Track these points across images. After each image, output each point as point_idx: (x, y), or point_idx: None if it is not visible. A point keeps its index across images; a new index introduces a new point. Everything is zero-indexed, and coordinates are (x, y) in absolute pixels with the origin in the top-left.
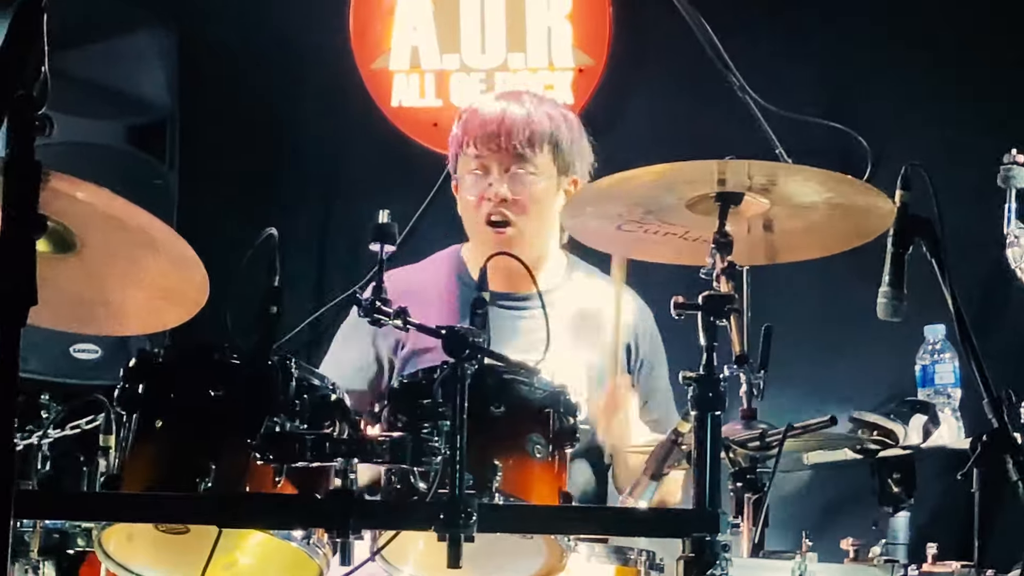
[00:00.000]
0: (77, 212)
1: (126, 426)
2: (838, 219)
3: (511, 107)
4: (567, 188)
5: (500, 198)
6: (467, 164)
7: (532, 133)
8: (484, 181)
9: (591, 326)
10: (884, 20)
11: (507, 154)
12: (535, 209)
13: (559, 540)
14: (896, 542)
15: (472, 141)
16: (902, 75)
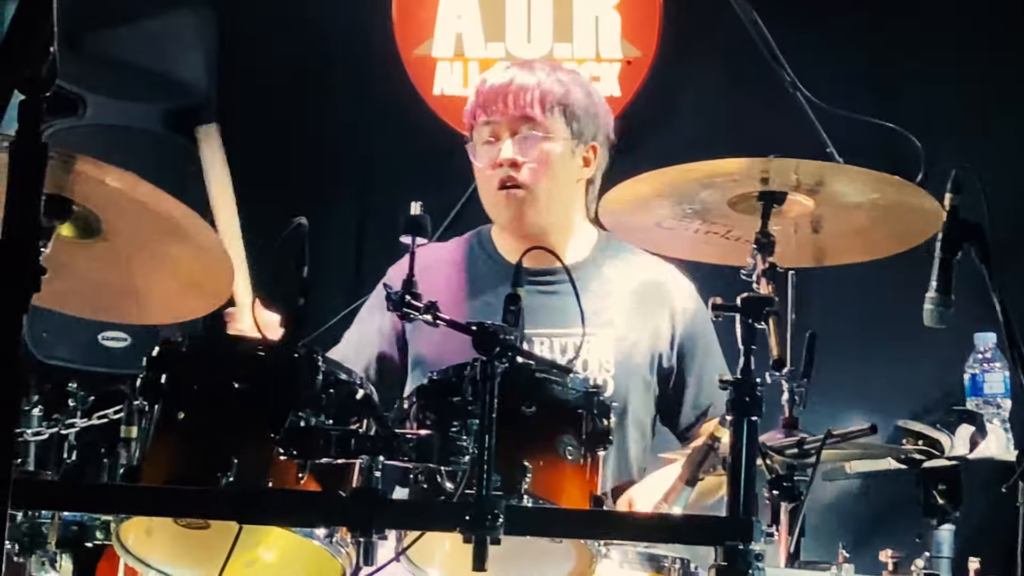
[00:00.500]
0: (103, 197)
1: (148, 417)
2: (886, 222)
3: (520, 73)
4: (585, 155)
5: (509, 161)
6: (480, 135)
7: (542, 95)
8: (495, 147)
9: (623, 300)
10: (939, 19)
11: (515, 117)
12: (549, 173)
13: (589, 545)
14: (940, 555)
15: (482, 108)
16: (956, 75)
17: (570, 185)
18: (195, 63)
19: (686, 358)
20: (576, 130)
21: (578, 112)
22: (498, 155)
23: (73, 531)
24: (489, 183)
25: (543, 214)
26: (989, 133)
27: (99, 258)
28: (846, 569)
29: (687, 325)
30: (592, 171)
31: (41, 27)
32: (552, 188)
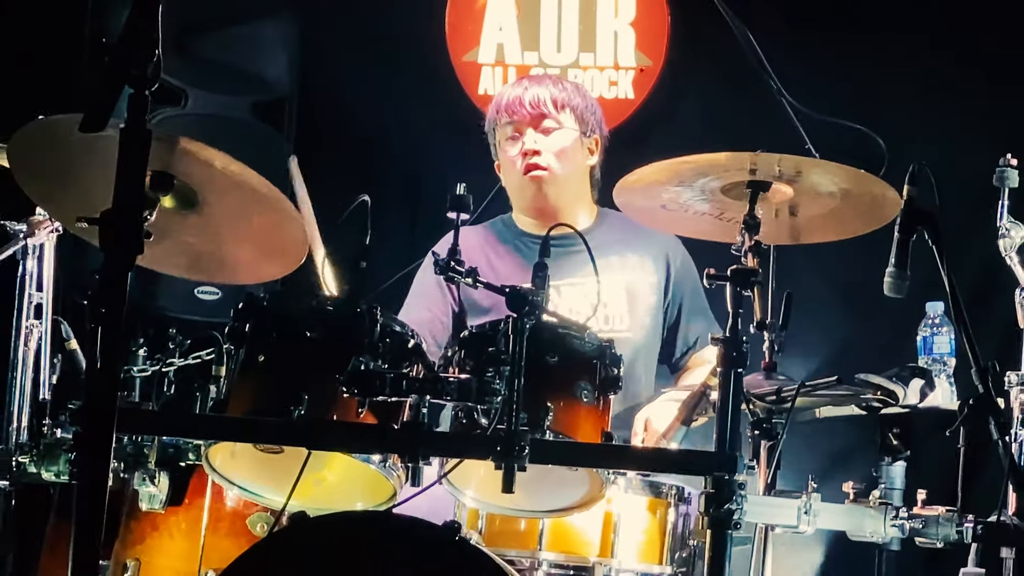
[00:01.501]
0: (200, 173)
1: (234, 359)
2: (853, 207)
3: (532, 85)
4: (590, 146)
5: (533, 151)
6: (504, 133)
7: (553, 98)
8: (518, 142)
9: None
10: (903, 37)
11: (535, 116)
12: (564, 158)
13: (600, 473)
14: (892, 488)
15: (504, 112)
16: (917, 84)
17: (580, 170)
18: (279, 64)
19: (679, 297)
20: (582, 126)
21: (581, 111)
22: (523, 146)
23: (170, 453)
24: (515, 172)
25: (561, 193)
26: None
27: (195, 226)
28: (814, 497)
29: (679, 270)
30: (595, 159)
31: (149, 33)
32: (567, 171)
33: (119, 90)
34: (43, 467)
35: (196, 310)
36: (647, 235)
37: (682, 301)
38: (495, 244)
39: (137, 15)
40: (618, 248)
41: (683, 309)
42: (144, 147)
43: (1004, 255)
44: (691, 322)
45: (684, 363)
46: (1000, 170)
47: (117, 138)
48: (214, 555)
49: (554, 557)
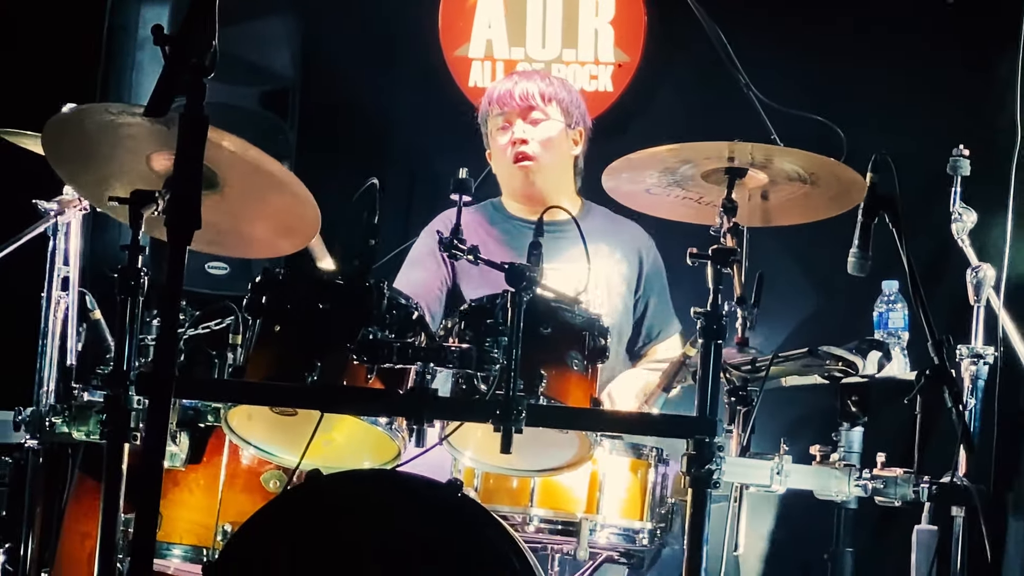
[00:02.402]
0: (220, 157)
1: (251, 328)
2: (820, 193)
3: (521, 79)
4: (575, 137)
5: (521, 140)
6: (495, 124)
7: (540, 92)
8: (508, 132)
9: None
10: (864, 34)
11: (524, 108)
12: (551, 147)
13: (588, 435)
14: (852, 451)
15: (495, 104)
16: (876, 79)
17: (566, 159)
18: (284, 57)
19: (648, 292)
20: (567, 119)
21: (567, 104)
22: (512, 136)
23: (190, 415)
24: (505, 160)
25: (547, 180)
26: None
27: (214, 205)
28: (785, 459)
29: (651, 265)
30: (579, 150)
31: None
32: (553, 159)
33: (180, 78)
34: (74, 427)
35: (206, 284)
36: (625, 232)
37: (650, 297)
38: (485, 225)
39: (198, 6)
40: (600, 239)
41: (650, 304)
42: (202, 130)
43: (956, 238)
44: (655, 317)
45: (644, 352)
46: (953, 159)
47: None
48: (230, 509)
49: (544, 513)
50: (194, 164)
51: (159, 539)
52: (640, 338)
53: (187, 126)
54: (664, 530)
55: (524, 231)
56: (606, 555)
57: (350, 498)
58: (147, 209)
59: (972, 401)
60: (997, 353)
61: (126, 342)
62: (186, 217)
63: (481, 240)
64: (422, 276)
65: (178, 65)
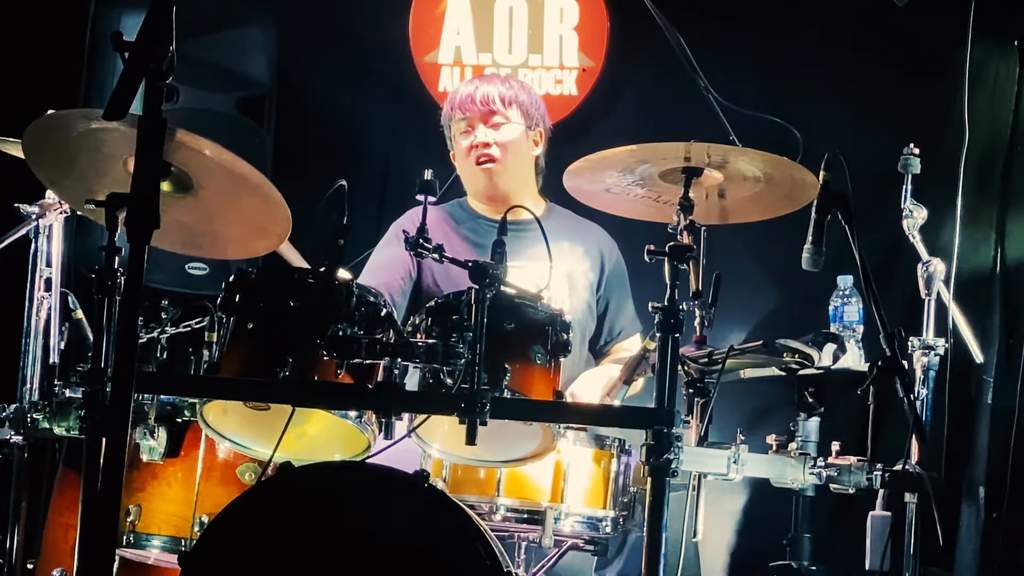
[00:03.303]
0: (195, 161)
1: (225, 326)
2: (775, 191)
3: (482, 83)
4: (535, 138)
5: (483, 143)
6: (458, 128)
7: (501, 95)
8: (471, 135)
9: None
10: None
11: (485, 112)
12: (512, 149)
13: (552, 427)
14: (808, 440)
15: (457, 109)
16: (829, 81)
17: (527, 160)
18: (260, 64)
19: (609, 291)
20: (527, 121)
21: (527, 106)
22: (474, 139)
23: (167, 410)
24: (468, 162)
25: (509, 181)
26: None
27: (190, 207)
28: (742, 448)
29: (613, 267)
30: (540, 150)
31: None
32: (514, 161)
33: (138, 82)
34: (55, 423)
35: (186, 284)
36: (587, 233)
37: (611, 296)
38: (451, 224)
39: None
40: (563, 238)
41: (611, 303)
42: (159, 133)
43: (908, 233)
44: (617, 315)
45: (607, 350)
46: (904, 158)
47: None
48: (207, 501)
49: (510, 502)
50: (152, 166)
51: (138, 530)
52: (602, 336)
53: (145, 129)
54: (627, 518)
55: (489, 229)
56: (571, 543)
57: (320, 489)
58: (122, 211)
59: (924, 391)
60: (948, 344)
61: (104, 340)
62: (145, 217)
63: (447, 238)
64: (387, 269)
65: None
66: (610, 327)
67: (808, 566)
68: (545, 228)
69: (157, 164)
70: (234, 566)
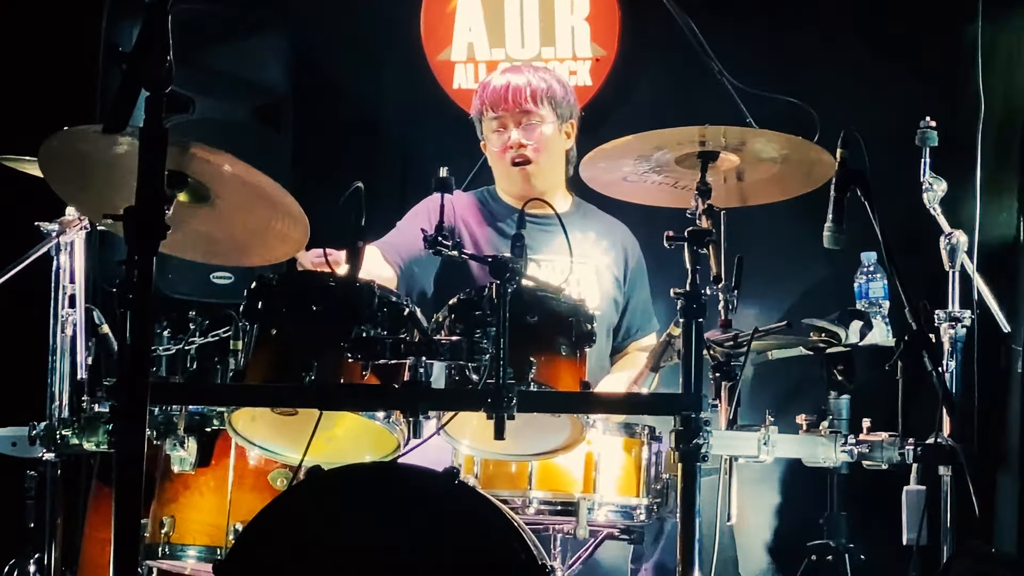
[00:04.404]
0: (211, 172)
1: (249, 334)
2: (793, 171)
3: (514, 77)
4: (567, 130)
5: (518, 144)
6: (489, 125)
7: (532, 93)
8: (504, 135)
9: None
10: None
11: (517, 112)
12: (545, 148)
13: (581, 418)
14: (839, 418)
15: (489, 107)
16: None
17: (559, 156)
18: (274, 71)
19: (631, 289)
20: (559, 113)
21: (559, 99)
22: (508, 140)
23: (196, 420)
24: (502, 162)
25: (544, 179)
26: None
27: (209, 217)
28: (772, 429)
29: (634, 268)
30: (571, 143)
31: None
32: (549, 159)
33: (136, 94)
34: (84, 438)
35: (212, 294)
36: (613, 231)
37: (632, 295)
38: (482, 213)
39: (149, 25)
40: (590, 235)
41: (631, 302)
42: (162, 144)
43: (928, 207)
44: (636, 314)
45: (624, 347)
46: (921, 131)
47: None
48: (240, 509)
49: (543, 495)
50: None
51: (174, 541)
52: (620, 334)
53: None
54: (661, 505)
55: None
56: (606, 532)
57: (352, 491)
58: None
59: (952, 364)
60: (974, 316)
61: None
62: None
63: (479, 226)
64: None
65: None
66: (628, 325)
67: (846, 544)
68: (572, 223)
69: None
70: (269, 573)
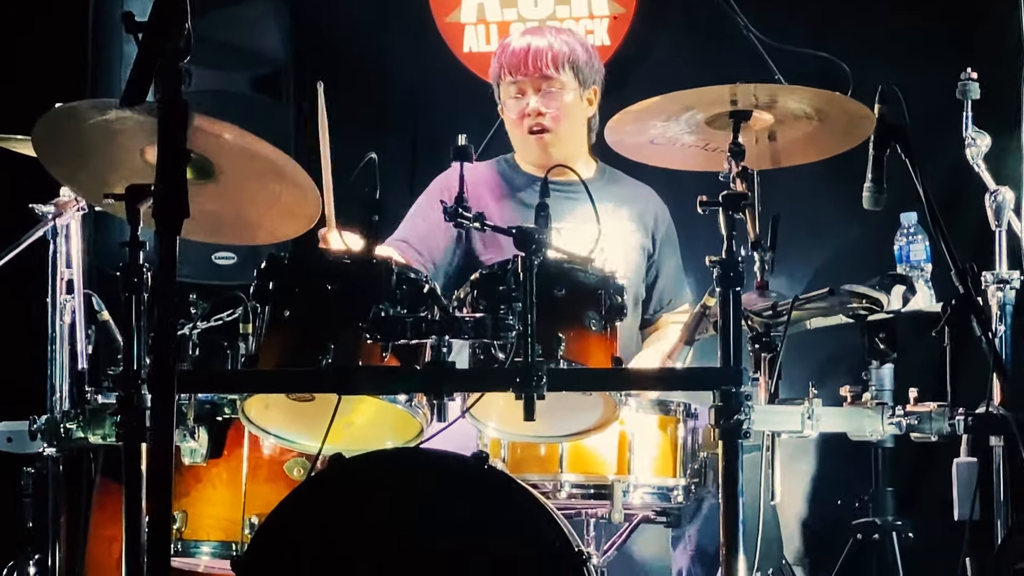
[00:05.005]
0: (215, 146)
1: (260, 316)
2: (829, 129)
3: (535, 40)
4: (589, 97)
5: (536, 112)
6: (507, 91)
7: (553, 57)
8: (523, 101)
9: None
10: None
11: (536, 77)
12: (565, 117)
13: (613, 396)
14: (883, 389)
15: (508, 71)
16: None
17: (581, 123)
18: (274, 40)
19: (661, 258)
20: (581, 79)
21: (581, 65)
22: (526, 107)
23: (207, 409)
24: (520, 129)
25: (564, 148)
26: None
27: (213, 194)
28: (815, 402)
29: (664, 234)
30: (594, 109)
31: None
32: (569, 128)
33: (155, 64)
34: (90, 431)
35: (213, 275)
36: (639, 196)
37: (662, 264)
38: (502, 184)
39: None
40: (615, 200)
41: (662, 271)
42: (182, 116)
43: (972, 163)
44: (667, 284)
45: (655, 320)
46: (962, 83)
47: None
48: (256, 501)
49: (575, 478)
50: (176, 152)
51: (186, 537)
52: (651, 306)
53: (166, 112)
54: (699, 485)
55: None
56: (642, 516)
57: (375, 480)
58: (144, 203)
59: (1002, 328)
60: (1023, 277)
61: (134, 341)
62: (173, 207)
63: (498, 199)
64: (431, 237)
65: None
66: (660, 296)
67: (893, 521)
68: (596, 190)
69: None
70: (291, 567)
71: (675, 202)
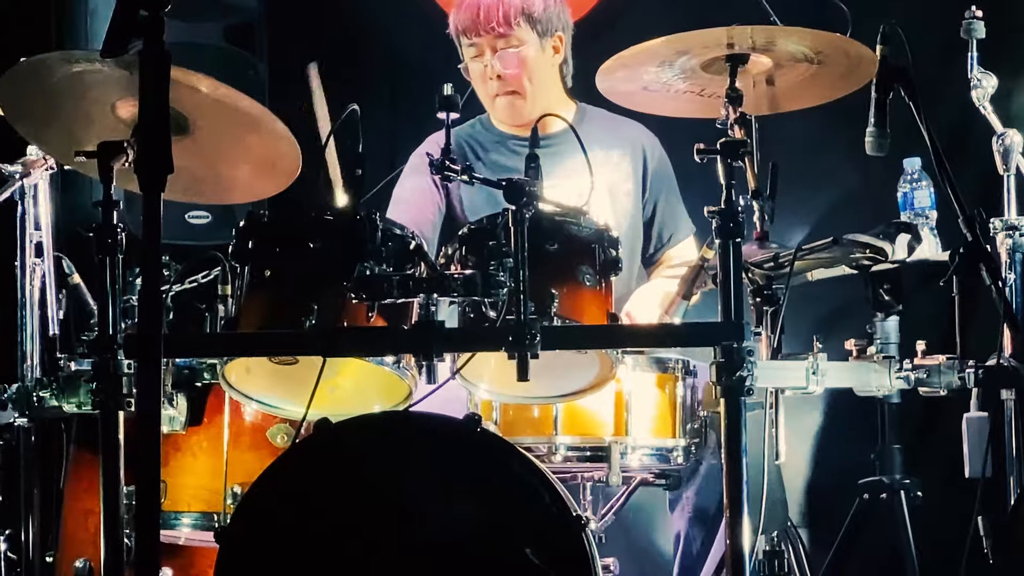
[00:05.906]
0: (189, 99)
1: (240, 277)
2: (829, 72)
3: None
4: (554, 45)
5: (496, 74)
6: (467, 52)
7: (504, 13)
8: (481, 62)
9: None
10: None
11: (491, 36)
12: (530, 71)
13: (609, 354)
14: (888, 342)
15: (462, 32)
16: None
17: (549, 75)
18: None
19: (656, 193)
20: (540, 30)
21: (537, 15)
22: (485, 70)
23: (185, 374)
24: (486, 91)
25: (535, 103)
26: None
27: (187, 150)
28: (820, 357)
29: (656, 167)
30: (562, 55)
31: None
32: (535, 83)
33: (135, 13)
34: (64, 399)
35: (187, 234)
36: (626, 132)
37: (658, 198)
38: (476, 149)
39: None
40: (599, 145)
41: (658, 206)
42: (164, 67)
43: (978, 105)
44: (666, 219)
45: (657, 258)
46: (967, 22)
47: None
48: (238, 469)
49: (570, 440)
50: (159, 105)
51: (166, 508)
52: (651, 244)
53: (148, 64)
54: (699, 445)
55: (520, 150)
56: (640, 478)
57: (364, 445)
58: (117, 161)
59: (1012, 276)
60: None
61: (109, 304)
62: (157, 163)
63: (473, 162)
64: (413, 204)
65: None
66: (659, 232)
67: (901, 479)
68: (582, 135)
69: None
70: (278, 537)
71: (670, 150)
